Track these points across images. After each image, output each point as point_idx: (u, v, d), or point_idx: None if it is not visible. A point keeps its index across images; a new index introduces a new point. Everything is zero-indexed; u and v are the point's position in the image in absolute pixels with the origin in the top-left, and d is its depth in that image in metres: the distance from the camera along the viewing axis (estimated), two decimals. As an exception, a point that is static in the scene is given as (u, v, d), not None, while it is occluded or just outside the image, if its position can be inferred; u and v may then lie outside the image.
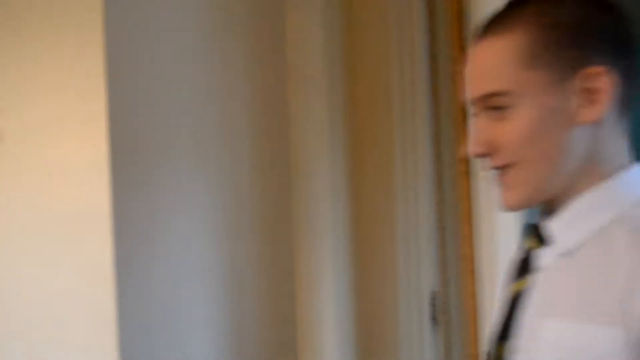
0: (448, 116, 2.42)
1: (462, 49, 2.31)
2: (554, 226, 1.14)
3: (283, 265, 2.32)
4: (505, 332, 1.17)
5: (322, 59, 2.34)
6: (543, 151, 1.11)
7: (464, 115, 2.28)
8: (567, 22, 1.11)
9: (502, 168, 1.14)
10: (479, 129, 1.15)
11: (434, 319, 2.44)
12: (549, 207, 1.16)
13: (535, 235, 1.17)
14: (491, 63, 1.13)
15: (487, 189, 2.22)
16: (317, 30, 2.35)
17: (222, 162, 2.15)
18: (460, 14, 2.34)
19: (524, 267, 1.19)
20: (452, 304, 2.44)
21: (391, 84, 2.41)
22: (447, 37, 2.41)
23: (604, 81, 1.10)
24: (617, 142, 1.14)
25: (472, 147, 1.15)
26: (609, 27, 1.12)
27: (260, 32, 2.28)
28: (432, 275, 2.42)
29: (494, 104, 1.13)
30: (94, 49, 1.83)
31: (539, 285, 1.14)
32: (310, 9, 2.35)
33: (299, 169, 2.35)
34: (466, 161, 2.32)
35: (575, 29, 1.11)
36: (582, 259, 1.10)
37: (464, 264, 2.35)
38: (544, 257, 1.15)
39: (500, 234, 2.21)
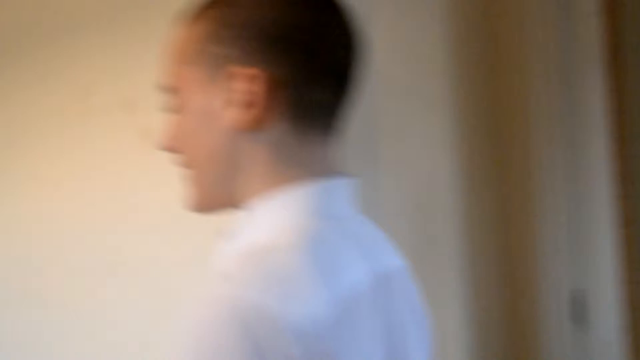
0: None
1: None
2: (220, 244, 1.03)
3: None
4: None
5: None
6: (201, 155, 1.02)
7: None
8: (228, 20, 0.99)
9: (186, 167, 1.05)
10: (169, 123, 1.06)
11: (579, 319, 2.32)
12: None
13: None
14: (169, 56, 1.05)
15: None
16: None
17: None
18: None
19: None
20: (605, 303, 2.32)
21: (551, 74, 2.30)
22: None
23: (250, 83, 0.97)
24: (290, 153, 0.99)
25: (160, 140, 1.07)
26: (276, 28, 0.97)
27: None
28: (573, 272, 2.32)
29: (171, 99, 1.05)
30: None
31: None
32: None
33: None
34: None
35: (232, 27, 0.98)
36: None
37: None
38: None
39: None
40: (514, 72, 2.24)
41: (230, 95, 0.98)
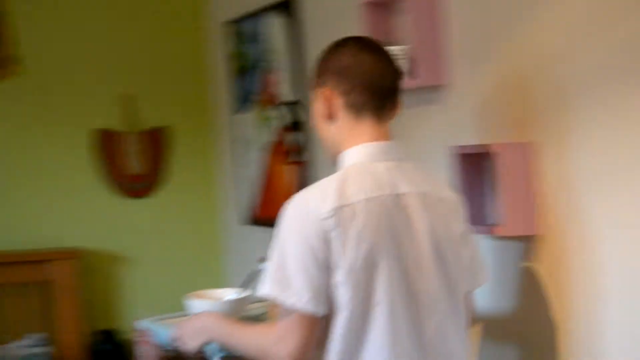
0: None
1: None
2: None
3: None
4: None
5: None
6: (321, 135, 2.04)
7: None
8: (320, 60, 2.02)
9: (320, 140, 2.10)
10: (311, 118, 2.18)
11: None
12: None
13: None
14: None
15: None
16: None
17: None
18: None
19: None
20: None
21: None
22: None
23: (326, 97, 1.97)
24: (350, 132, 1.96)
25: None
26: (335, 66, 1.97)
27: None
28: None
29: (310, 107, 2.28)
30: None
31: None
32: None
33: None
34: None
35: (321, 64, 2.01)
36: None
37: None
38: None
39: None
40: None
41: (322, 102, 1.98)
